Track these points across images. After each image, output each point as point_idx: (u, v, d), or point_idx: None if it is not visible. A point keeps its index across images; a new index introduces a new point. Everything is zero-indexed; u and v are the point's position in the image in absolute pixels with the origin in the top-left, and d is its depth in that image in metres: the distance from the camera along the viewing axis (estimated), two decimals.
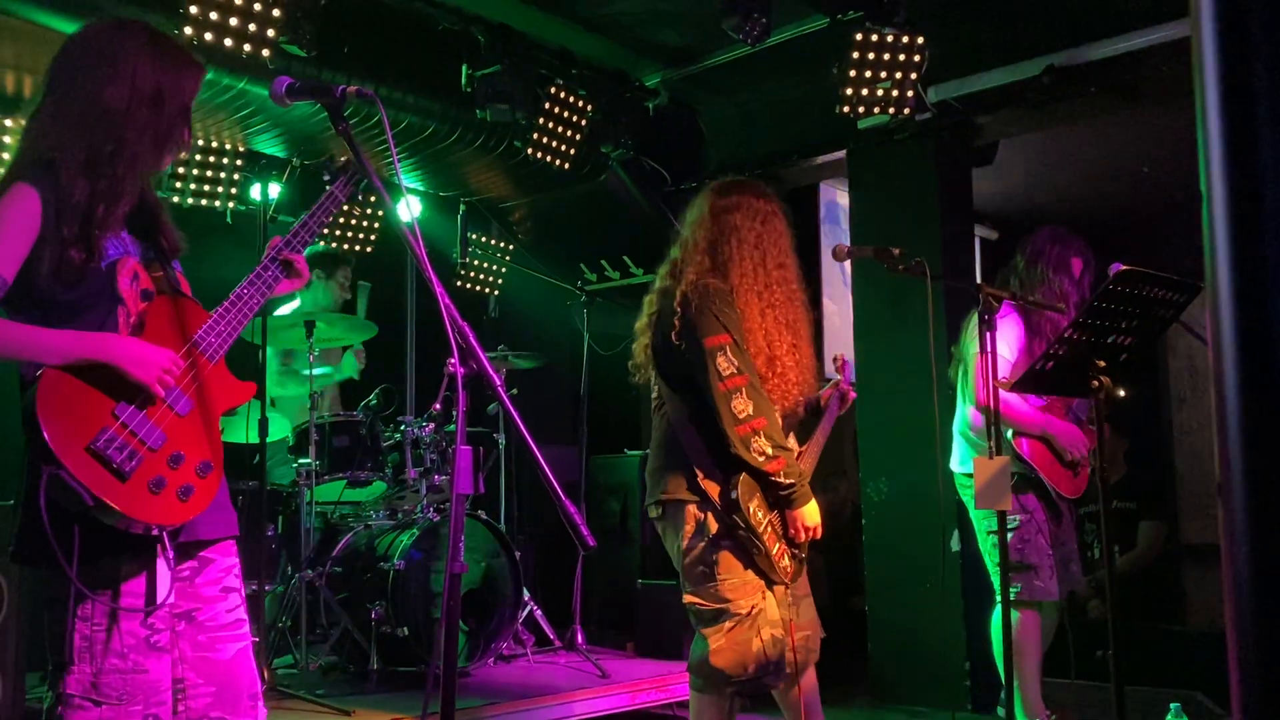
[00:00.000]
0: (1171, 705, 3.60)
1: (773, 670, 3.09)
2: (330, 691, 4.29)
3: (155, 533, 2.12)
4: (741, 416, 3.01)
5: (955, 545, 4.59)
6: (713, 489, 3.07)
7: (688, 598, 3.14)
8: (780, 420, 3.20)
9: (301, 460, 4.75)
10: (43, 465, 2.02)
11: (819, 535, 3.18)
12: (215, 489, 2.23)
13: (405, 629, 4.41)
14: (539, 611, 5.22)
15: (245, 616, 2.41)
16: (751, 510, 3.03)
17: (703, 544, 3.09)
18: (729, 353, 3.05)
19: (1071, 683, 3.93)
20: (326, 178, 2.65)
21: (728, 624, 3.06)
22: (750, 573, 3.09)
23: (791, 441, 3.26)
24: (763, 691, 3.27)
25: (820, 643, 3.33)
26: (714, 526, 3.08)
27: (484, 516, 4.89)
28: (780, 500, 3.11)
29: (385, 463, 4.95)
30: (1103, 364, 3.09)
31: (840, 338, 6.81)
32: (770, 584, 3.12)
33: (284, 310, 5.30)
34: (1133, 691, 3.12)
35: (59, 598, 2.17)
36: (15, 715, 3.63)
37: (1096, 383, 3.09)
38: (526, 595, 5.04)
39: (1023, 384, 3.42)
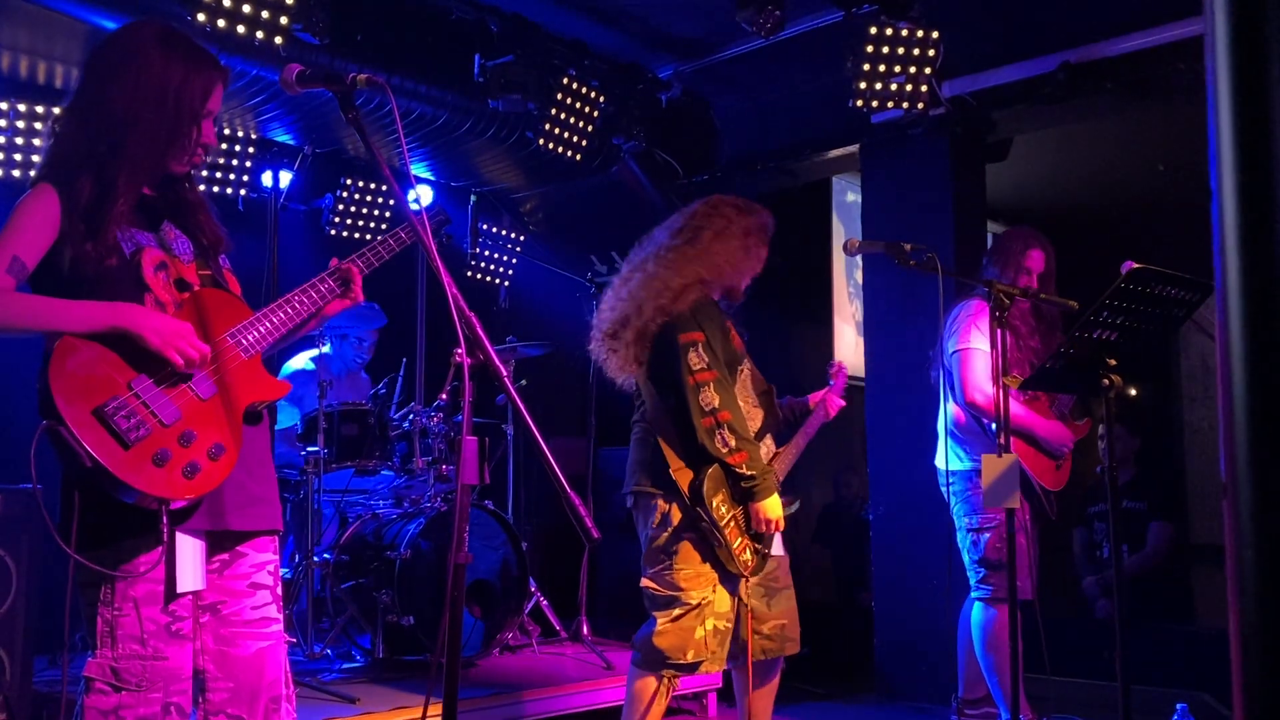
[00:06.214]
0: (1178, 706, 3.59)
1: (731, 655, 3.29)
2: (335, 679, 4.30)
3: (155, 507, 2.09)
4: (707, 409, 3.15)
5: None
6: (683, 481, 3.20)
7: (645, 581, 3.30)
8: (755, 417, 3.34)
9: (309, 448, 4.76)
10: (43, 419, 2.03)
11: (780, 528, 3.29)
12: (226, 472, 2.18)
13: (411, 618, 4.42)
14: (545, 602, 5.22)
15: (275, 616, 2.38)
16: (715, 504, 3.16)
17: (666, 534, 3.23)
18: (700, 349, 3.18)
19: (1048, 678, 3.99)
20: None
21: (676, 610, 3.21)
22: (707, 565, 3.23)
23: (769, 442, 3.41)
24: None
25: (799, 635, 3.43)
26: (677, 518, 3.22)
27: (491, 506, 4.90)
28: (743, 493, 3.21)
29: (393, 452, 4.96)
30: (1113, 362, 3.08)
31: (851, 334, 6.80)
32: (730, 576, 3.25)
33: (296, 363, 5.33)
34: (1139, 691, 3.11)
35: (91, 582, 2.17)
36: (23, 698, 3.64)
37: (1107, 381, 3.07)
38: (533, 586, 5.04)
39: (1032, 382, 3.40)
